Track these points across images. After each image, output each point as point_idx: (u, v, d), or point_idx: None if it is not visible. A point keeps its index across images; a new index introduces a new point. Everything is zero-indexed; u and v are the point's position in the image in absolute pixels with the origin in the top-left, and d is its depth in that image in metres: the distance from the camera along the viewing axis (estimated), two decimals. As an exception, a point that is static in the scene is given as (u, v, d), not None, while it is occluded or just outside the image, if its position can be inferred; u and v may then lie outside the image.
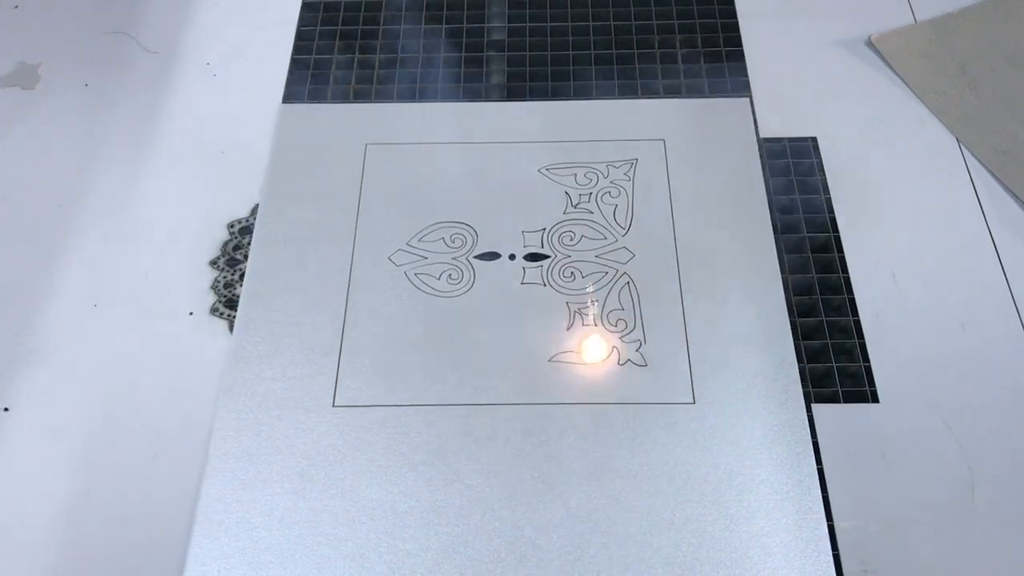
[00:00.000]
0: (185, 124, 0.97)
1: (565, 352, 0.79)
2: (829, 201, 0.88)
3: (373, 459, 0.74)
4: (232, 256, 0.87)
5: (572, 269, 0.83)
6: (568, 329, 0.80)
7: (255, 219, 0.87)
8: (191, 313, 0.83)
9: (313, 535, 0.70)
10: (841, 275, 0.84)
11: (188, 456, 0.75)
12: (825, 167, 0.91)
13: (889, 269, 0.84)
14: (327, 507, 0.71)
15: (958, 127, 0.93)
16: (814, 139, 0.93)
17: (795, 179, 0.90)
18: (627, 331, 0.80)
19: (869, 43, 1.00)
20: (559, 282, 0.83)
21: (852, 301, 0.82)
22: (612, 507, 0.71)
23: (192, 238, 0.88)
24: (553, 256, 0.84)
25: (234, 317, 0.82)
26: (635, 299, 0.81)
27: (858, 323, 0.81)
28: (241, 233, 0.88)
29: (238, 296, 0.83)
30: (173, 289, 0.85)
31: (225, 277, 0.85)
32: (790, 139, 0.93)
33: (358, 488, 0.72)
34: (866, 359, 0.79)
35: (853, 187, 0.89)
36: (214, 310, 0.83)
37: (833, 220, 0.87)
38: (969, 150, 0.92)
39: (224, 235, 0.88)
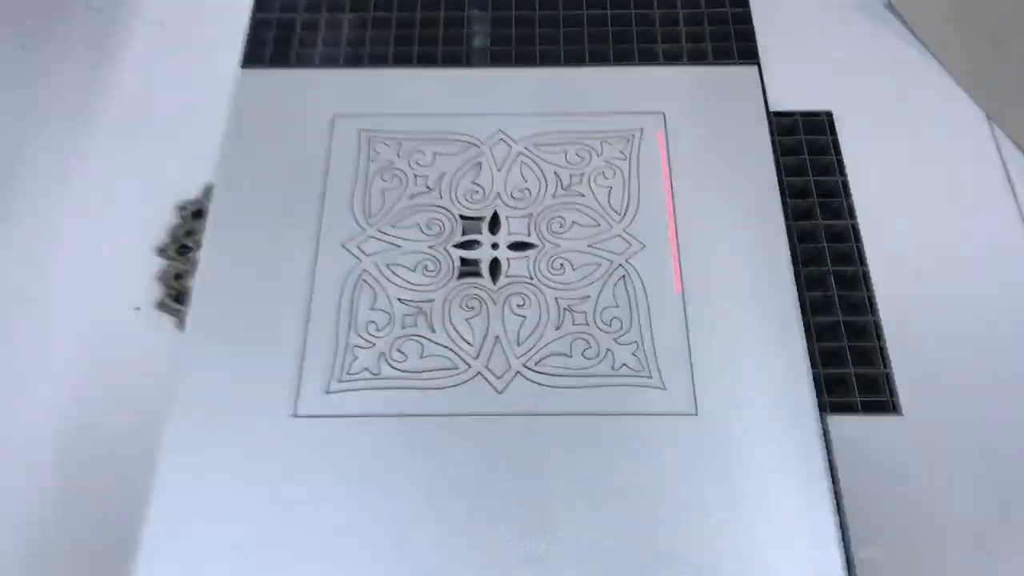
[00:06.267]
0: (132, 91, 0.92)
1: (551, 355, 0.72)
2: (846, 184, 0.84)
3: (339, 477, 0.68)
4: (183, 243, 0.81)
5: (561, 260, 0.77)
6: (557, 329, 0.73)
7: (209, 201, 0.82)
8: (137, 308, 0.78)
9: (272, 564, 0.65)
10: (859, 268, 0.79)
11: (132, 473, 0.69)
12: (841, 145, 0.86)
13: (913, 262, 0.80)
14: (287, 532, 0.66)
15: (988, 101, 0.89)
16: (829, 113, 0.88)
17: (808, 159, 0.85)
18: (622, 331, 0.73)
19: (890, 6, 0.96)
20: (547, 275, 0.75)
21: (871, 299, 0.78)
22: (604, 534, 0.65)
23: (137, 222, 0.83)
24: (540, 245, 0.78)
25: (184, 313, 0.76)
26: (632, 295, 0.75)
27: (878, 324, 0.76)
28: (193, 216, 0.83)
29: (189, 289, 0.77)
30: (116, 280, 0.80)
31: (175, 267, 0.80)
32: (803, 113, 0.88)
33: (322, 510, 0.67)
34: (887, 365, 0.75)
35: (872, 168, 0.85)
36: (162, 305, 0.78)
37: (850, 206, 0.82)
38: (1000, 127, 0.88)
39: (173, 219, 0.83)
